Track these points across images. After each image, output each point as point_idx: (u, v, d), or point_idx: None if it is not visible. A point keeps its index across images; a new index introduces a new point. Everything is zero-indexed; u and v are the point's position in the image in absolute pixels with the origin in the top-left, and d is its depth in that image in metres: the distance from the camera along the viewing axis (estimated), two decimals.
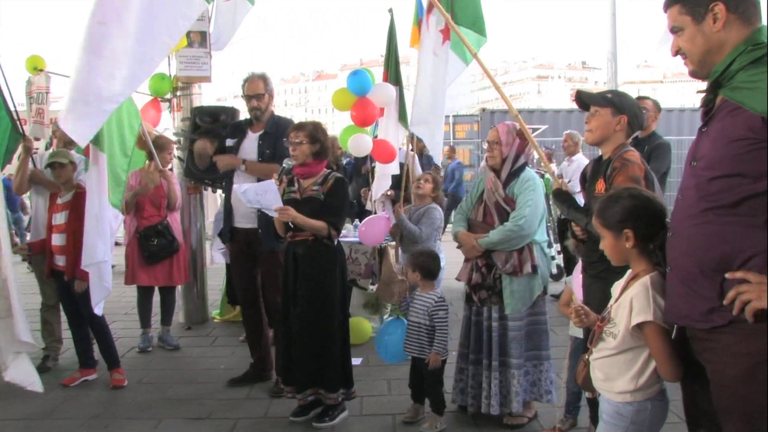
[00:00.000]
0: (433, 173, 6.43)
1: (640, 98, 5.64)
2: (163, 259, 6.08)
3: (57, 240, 5.11)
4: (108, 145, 4.79)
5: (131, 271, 6.08)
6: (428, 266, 4.35)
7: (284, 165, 4.37)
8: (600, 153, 3.46)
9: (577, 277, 3.79)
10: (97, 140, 4.57)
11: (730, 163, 2.05)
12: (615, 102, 3.31)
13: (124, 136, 5.05)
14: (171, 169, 6.34)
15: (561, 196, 3.63)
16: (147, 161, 5.96)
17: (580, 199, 3.93)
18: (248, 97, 5.03)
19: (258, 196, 4.22)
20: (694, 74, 2.28)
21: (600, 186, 3.26)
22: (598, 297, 3.08)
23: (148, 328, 6.27)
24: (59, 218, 5.11)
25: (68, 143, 5.60)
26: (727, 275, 2.04)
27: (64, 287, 5.18)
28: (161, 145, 6.09)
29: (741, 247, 2.03)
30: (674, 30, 2.28)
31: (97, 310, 4.87)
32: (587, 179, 3.54)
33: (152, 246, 6.02)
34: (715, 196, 2.09)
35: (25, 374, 4.44)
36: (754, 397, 2.02)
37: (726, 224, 2.06)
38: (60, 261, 5.13)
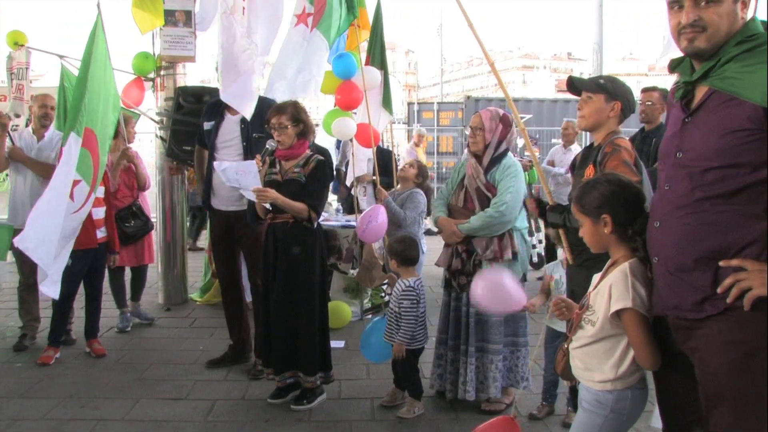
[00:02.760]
0: (418, 161, 6.45)
1: (647, 89, 5.59)
2: (136, 240, 6.09)
3: (98, 213, 5.26)
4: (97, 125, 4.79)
5: None
6: (402, 253, 4.30)
7: (267, 146, 4.33)
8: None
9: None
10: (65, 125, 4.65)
11: (727, 154, 2.03)
12: (608, 88, 3.25)
13: (107, 122, 4.99)
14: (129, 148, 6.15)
15: (556, 208, 3.46)
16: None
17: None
18: None
19: (238, 175, 4.18)
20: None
21: (589, 171, 3.21)
22: (582, 286, 3.07)
23: (125, 308, 6.23)
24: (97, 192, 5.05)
25: (42, 117, 5.51)
26: (721, 263, 2.03)
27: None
28: (123, 119, 6.01)
29: (737, 236, 2.02)
30: None
31: (48, 291, 4.62)
32: (576, 165, 3.52)
33: (129, 228, 6.01)
34: (710, 186, 2.07)
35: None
36: (744, 385, 2.02)
37: (722, 213, 2.05)
38: (101, 233, 5.37)
